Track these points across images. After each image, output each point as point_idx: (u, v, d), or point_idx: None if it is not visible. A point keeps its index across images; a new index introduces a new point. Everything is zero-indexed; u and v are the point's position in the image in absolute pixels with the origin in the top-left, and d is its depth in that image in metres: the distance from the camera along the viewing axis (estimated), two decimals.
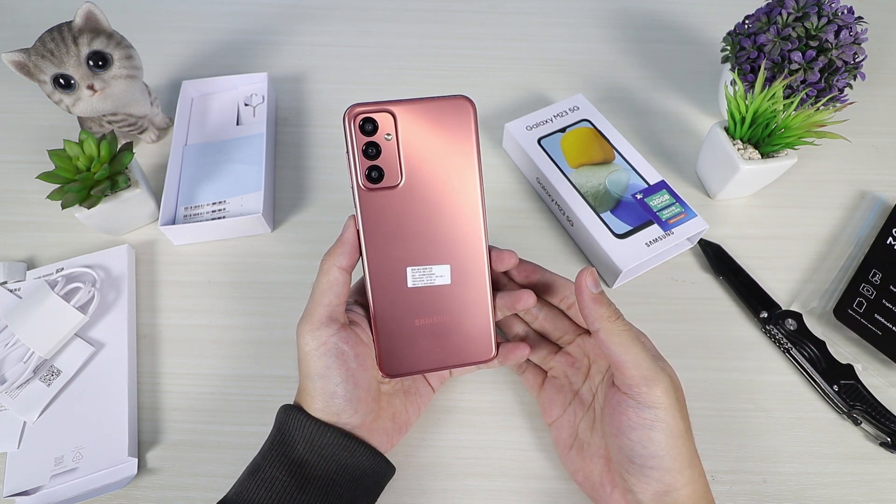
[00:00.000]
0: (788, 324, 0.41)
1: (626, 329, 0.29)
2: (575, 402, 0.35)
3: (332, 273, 0.30)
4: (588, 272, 0.30)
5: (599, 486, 0.31)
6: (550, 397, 0.35)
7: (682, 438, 0.28)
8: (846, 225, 0.48)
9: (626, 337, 0.29)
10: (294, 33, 0.62)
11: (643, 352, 0.29)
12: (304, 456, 0.30)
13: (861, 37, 0.46)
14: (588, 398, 0.34)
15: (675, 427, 0.28)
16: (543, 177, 0.46)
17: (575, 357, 0.36)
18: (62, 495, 0.35)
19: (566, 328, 0.36)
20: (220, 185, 0.48)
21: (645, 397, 0.28)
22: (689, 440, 0.29)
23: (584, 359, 0.35)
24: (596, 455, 0.32)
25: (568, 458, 0.34)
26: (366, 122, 0.29)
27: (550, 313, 0.36)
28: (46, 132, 0.53)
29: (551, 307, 0.36)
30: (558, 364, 0.36)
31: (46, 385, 0.38)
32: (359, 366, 0.30)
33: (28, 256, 0.45)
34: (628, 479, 0.29)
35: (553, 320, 0.36)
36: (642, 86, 0.58)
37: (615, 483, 0.31)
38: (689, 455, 0.28)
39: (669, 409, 0.28)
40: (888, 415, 0.37)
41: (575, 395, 0.35)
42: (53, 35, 0.41)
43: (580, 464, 0.33)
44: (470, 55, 0.61)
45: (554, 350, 0.37)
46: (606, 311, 0.29)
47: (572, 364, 0.35)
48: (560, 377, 0.36)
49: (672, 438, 0.28)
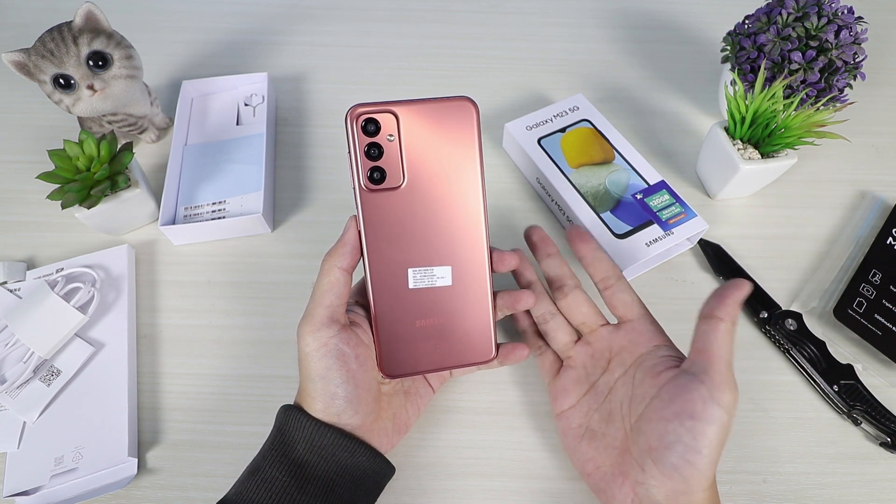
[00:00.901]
0: (788, 324, 0.41)
1: (734, 331, 0.30)
2: (590, 393, 0.34)
3: (333, 274, 0.30)
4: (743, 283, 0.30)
5: (610, 476, 0.31)
6: (564, 386, 0.35)
7: (721, 448, 0.28)
8: (846, 225, 0.48)
9: (731, 338, 0.29)
10: (294, 33, 0.62)
11: (733, 357, 0.29)
12: (304, 456, 0.30)
13: (861, 37, 0.46)
14: (604, 391, 0.34)
15: (725, 437, 0.28)
16: (543, 177, 0.46)
17: (596, 349, 0.35)
18: (62, 495, 0.35)
19: (588, 315, 0.36)
20: (220, 185, 0.48)
21: (722, 397, 0.28)
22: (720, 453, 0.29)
23: (606, 352, 0.35)
24: (610, 446, 0.32)
25: (578, 448, 0.33)
26: (368, 122, 0.29)
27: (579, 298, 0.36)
28: (46, 132, 0.53)
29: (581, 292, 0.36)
30: (578, 354, 0.36)
31: (46, 385, 0.38)
32: (359, 367, 0.30)
33: (28, 256, 0.45)
34: (649, 470, 0.29)
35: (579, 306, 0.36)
36: (642, 86, 0.58)
37: (627, 475, 0.30)
38: (715, 466, 0.28)
39: (731, 419, 0.28)
40: (888, 415, 0.37)
41: (591, 386, 0.34)
42: (53, 35, 0.41)
43: (592, 454, 0.33)
44: (470, 55, 0.61)
45: (575, 338, 0.36)
46: (736, 311, 0.30)
47: (592, 355, 0.35)
48: (578, 367, 0.35)
49: (719, 444, 0.28)
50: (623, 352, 0.34)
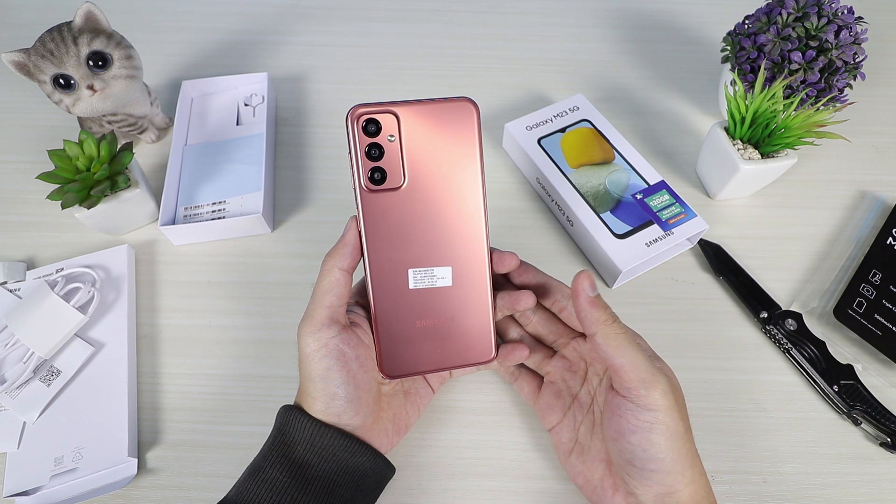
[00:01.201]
0: (788, 324, 0.41)
1: (623, 332, 0.29)
2: (574, 405, 0.34)
3: (334, 274, 0.30)
4: (585, 275, 0.29)
5: (601, 489, 0.31)
6: (549, 403, 0.35)
7: (681, 440, 0.28)
8: (846, 225, 0.48)
9: (622, 340, 0.29)
10: (294, 33, 0.62)
11: (640, 354, 0.28)
12: (304, 457, 0.30)
13: (861, 37, 0.46)
14: (587, 401, 0.34)
15: (675, 428, 0.28)
16: (543, 177, 0.46)
17: (571, 360, 0.35)
18: (62, 495, 0.35)
19: (560, 331, 0.36)
20: (219, 185, 0.48)
21: (643, 400, 0.28)
22: (689, 441, 0.29)
23: (581, 362, 0.35)
24: (597, 459, 0.32)
25: (568, 462, 0.34)
26: (369, 123, 0.29)
27: (544, 316, 0.36)
28: (46, 132, 0.53)
29: (545, 310, 0.36)
30: (555, 368, 0.36)
31: (46, 385, 0.38)
32: (360, 367, 0.30)
33: (28, 256, 0.45)
34: (630, 482, 0.29)
35: (547, 323, 0.36)
36: (642, 86, 0.58)
37: (616, 486, 0.31)
38: (689, 456, 0.28)
39: (668, 410, 0.28)
40: (888, 415, 0.37)
41: (574, 399, 0.35)
42: (53, 35, 0.41)
43: (581, 468, 0.33)
44: (470, 55, 0.61)
45: (549, 354, 0.36)
46: (603, 314, 0.29)
47: (569, 368, 0.35)
48: (557, 381, 0.35)
49: (672, 440, 0.28)
50: (595, 362, 0.34)
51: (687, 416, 0.29)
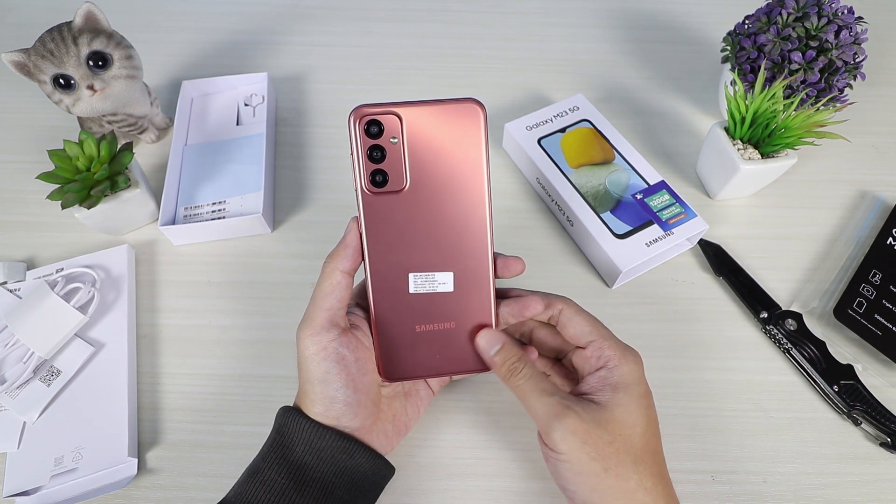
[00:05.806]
0: (788, 324, 0.41)
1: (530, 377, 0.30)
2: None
3: (335, 276, 0.30)
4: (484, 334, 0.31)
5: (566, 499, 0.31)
6: None
7: (596, 477, 0.27)
8: (846, 225, 0.48)
9: (529, 387, 0.30)
10: (294, 33, 0.62)
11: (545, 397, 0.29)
12: (303, 458, 0.30)
13: (861, 37, 0.46)
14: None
15: (583, 467, 0.27)
16: (543, 177, 0.46)
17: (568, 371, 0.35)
18: (62, 495, 0.35)
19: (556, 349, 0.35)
20: (219, 185, 0.48)
21: (548, 441, 0.28)
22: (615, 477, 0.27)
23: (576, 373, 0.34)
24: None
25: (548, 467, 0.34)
26: (371, 124, 0.28)
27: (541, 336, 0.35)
28: (46, 132, 0.53)
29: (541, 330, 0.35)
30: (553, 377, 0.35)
31: (46, 385, 0.38)
32: (359, 370, 0.30)
33: (28, 256, 0.45)
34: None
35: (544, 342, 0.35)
36: (642, 86, 0.58)
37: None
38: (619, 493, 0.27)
39: (572, 452, 0.27)
40: (888, 415, 0.37)
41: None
42: (53, 35, 0.41)
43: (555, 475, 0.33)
44: (470, 55, 0.61)
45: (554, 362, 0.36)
46: (503, 369, 0.30)
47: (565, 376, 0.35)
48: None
49: (579, 476, 0.28)
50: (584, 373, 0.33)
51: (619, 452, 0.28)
